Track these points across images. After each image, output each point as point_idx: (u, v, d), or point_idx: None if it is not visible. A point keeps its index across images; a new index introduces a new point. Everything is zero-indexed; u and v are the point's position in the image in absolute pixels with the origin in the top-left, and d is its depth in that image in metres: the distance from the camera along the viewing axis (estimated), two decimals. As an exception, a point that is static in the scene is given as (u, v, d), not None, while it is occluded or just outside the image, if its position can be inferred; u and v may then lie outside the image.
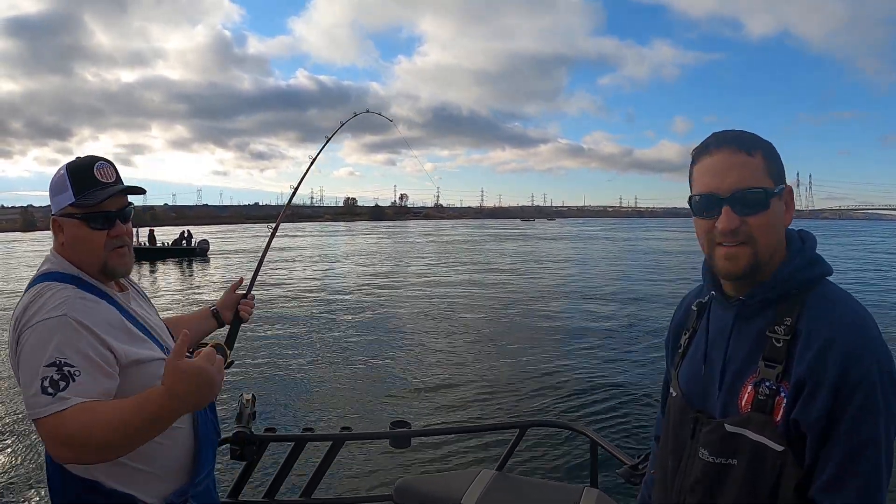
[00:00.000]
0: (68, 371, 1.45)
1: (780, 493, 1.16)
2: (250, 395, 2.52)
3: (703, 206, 1.26)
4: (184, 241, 41.85)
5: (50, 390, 1.43)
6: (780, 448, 1.16)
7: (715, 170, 1.24)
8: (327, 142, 3.07)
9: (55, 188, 1.71)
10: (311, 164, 3.05)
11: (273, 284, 24.34)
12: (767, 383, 1.19)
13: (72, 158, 1.74)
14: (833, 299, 1.21)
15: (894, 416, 1.12)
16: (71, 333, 1.50)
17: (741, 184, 1.21)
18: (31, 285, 1.63)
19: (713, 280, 1.36)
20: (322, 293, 22.51)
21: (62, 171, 1.71)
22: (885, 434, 1.11)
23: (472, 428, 5.13)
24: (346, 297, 21.45)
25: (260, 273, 2.67)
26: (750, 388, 1.22)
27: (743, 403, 1.23)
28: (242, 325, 2.41)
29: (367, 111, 3.36)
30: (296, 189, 3.06)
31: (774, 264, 1.26)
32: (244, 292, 2.43)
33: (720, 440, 1.24)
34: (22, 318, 1.54)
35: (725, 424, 1.24)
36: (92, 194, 1.68)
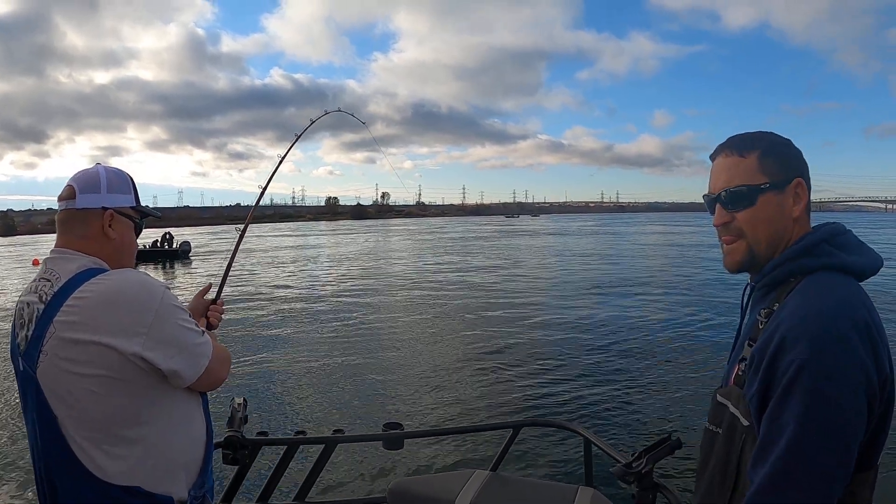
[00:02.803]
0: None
1: (741, 465, 1.23)
2: (241, 398, 2.50)
3: (707, 205, 1.43)
4: (165, 244, 41.51)
5: (203, 331, 1.74)
6: (746, 423, 1.23)
7: (714, 172, 1.41)
8: (297, 139, 3.03)
9: (116, 185, 1.76)
10: (280, 162, 2.99)
11: (260, 287, 24.20)
12: (746, 361, 1.28)
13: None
14: (814, 287, 1.23)
15: (826, 402, 1.09)
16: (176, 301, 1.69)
17: (728, 183, 1.35)
18: (77, 281, 1.58)
19: None
20: (310, 295, 22.41)
21: (123, 174, 1.80)
22: (804, 421, 1.09)
23: (466, 428, 5.11)
24: (336, 298, 21.32)
25: (247, 276, 2.62)
26: (739, 364, 1.32)
27: (732, 378, 1.34)
28: (216, 330, 2.35)
29: (339, 110, 3.32)
30: (264, 189, 3.00)
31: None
32: (213, 298, 2.36)
33: (714, 409, 1.37)
34: (144, 304, 1.57)
35: (717, 395, 1.37)
36: (142, 207, 1.84)
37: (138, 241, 1.91)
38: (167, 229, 44.82)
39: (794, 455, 1.10)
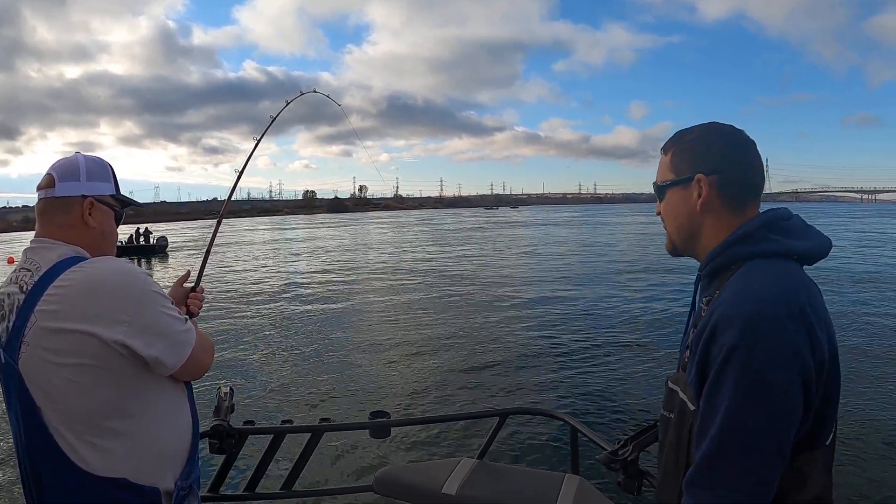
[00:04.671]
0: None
1: (690, 448, 1.25)
2: (228, 387, 2.50)
3: None
4: (140, 238, 41.20)
5: (186, 318, 1.73)
6: (693, 407, 1.25)
7: None
8: (273, 120, 2.97)
9: (96, 173, 1.75)
10: (257, 144, 2.93)
11: (242, 279, 24.17)
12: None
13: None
14: (750, 273, 1.26)
15: (756, 384, 1.12)
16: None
17: (656, 179, 1.48)
18: (58, 270, 1.56)
19: None
20: (295, 286, 22.28)
21: (103, 162, 1.79)
22: (736, 403, 1.13)
23: (452, 416, 5.11)
24: (321, 289, 21.27)
25: (229, 269, 2.59)
26: (686, 352, 1.36)
27: (681, 365, 1.39)
28: (198, 318, 2.32)
29: (315, 91, 3.27)
30: (241, 172, 2.89)
31: (704, 243, 1.40)
32: (192, 285, 2.33)
33: (667, 395, 1.40)
34: (126, 291, 1.56)
35: (668, 381, 1.41)
36: (123, 195, 1.83)
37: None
38: (145, 224, 44.42)
39: (727, 436, 1.13)
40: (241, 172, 2.92)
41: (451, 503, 2.52)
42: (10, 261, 32.40)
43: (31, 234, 1.70)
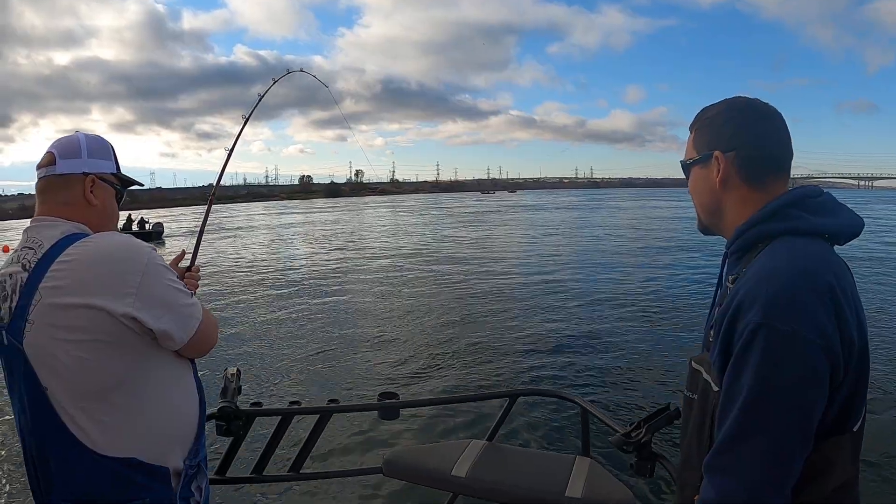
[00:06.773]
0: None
1: (713, 429, 1.23)
2: (235, 368, 2.48)
3: None
4: (134, 225, 41.09)
5: (192, 293, 1.74)
6: (717, 388, 1.24)
7: None
8: (260, 98, 2.97)
9: (97, 150, 1.74)
10: (244, 124, 2.94)
11: (246, 262, 24.11)
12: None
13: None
14: (776, 251, 1.24)
15: (778, 364, 1.10)
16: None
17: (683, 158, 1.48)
18: (61, 246, 1.54)
19: None
20: (300, 269, 22.21)
21: (103, 141, 1.79)
22: (757, 383, 1.11)
23: (461, 398, 5.11)
24: (328, 271, 21.16)
25: (232, 253, 2.55)
26: (711, 331, 1.35)
27: (706, 344, 1.38)
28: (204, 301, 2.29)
29: (301, 70, 3.28)
30: (230, 152, 2.90)
31: (729, 221, 1.38)
32: (188, 265, 2.29)
33: (690, 376, 1.40)
34: (131, 264, 1.55)
35: (692, 362, 1.40)
36: (124, 174, 1.82)
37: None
38: (139, 213, 44.38)
39: (750, 417, 1.11)
40: (231, 151, 2.92)
41: (461, 485, 2.50)
42: (6, 249, 32.27)
43: (27, 223, 1.67)
